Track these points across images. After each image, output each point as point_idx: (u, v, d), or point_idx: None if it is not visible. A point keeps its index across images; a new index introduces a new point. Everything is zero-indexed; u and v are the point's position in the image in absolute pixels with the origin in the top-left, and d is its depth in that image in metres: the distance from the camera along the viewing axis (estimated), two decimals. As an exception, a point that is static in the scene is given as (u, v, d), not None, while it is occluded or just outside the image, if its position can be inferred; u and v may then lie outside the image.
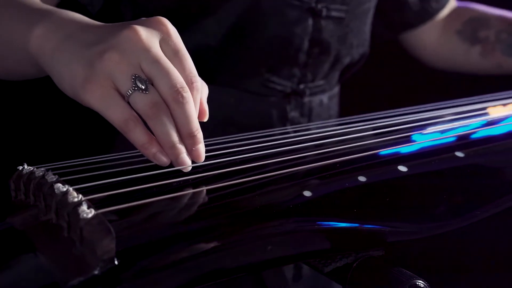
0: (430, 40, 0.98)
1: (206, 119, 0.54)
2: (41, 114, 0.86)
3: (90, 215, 0.42)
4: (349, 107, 0.83)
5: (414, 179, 0.55)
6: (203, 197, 0.49)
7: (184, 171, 0.51)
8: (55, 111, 0.81)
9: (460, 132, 0.62)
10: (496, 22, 0.92)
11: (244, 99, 0.79)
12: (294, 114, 0.82)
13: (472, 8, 0.97)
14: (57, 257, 0.42)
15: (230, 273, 0.46)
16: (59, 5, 0.65)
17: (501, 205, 0.55)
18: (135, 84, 0.49)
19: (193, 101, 0.51)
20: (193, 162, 0.52)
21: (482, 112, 0.68)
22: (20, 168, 0.51)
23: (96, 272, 0.40)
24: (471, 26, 0.94)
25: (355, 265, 0.50)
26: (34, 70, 0.57)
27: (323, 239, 0.49)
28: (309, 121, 0.84)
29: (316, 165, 0.54)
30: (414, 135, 0.62)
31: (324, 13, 0.78)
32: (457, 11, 0.98)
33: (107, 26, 0.53)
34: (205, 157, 0.53)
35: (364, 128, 0.62)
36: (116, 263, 0.41)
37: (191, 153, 0.51)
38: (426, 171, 0.56)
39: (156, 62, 0.50)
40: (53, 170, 0.49)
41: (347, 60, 0.85)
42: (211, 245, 0.44)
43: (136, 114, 0.50)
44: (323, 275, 0.51)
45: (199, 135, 0.51)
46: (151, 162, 0.51)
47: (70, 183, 0.47)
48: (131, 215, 0.45)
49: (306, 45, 0.78)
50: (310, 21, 0.78)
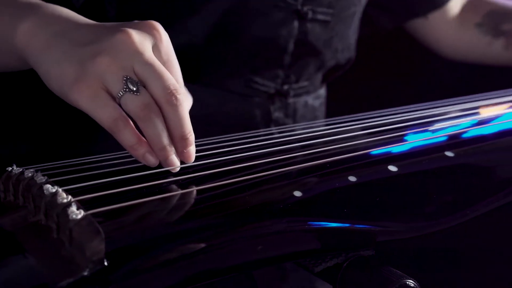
0: (444, 32, 0.97)
1: None
2: (29, 114, 0.85)
3: (79, 216, 0.42)
4: (336, 108, 0.83)
5: (404, 178, 0.55)
6: (192, 198, 0.49)
7: (173, 171, 0.51)
8: (43, 111, 0.81)
9: (451, 132, 0.62)
10: None
11: (228, 99, 0.79)
12: (278, 114, 0.82)
13: (490, 1, 0.96)
14: (46, 258, 0.42)
15: (221, 274, 0.46)
16: None
17: (491, 204, 0.56)
18: (127, 85, 0.49)
19: None
20: (181, 163, 0.52)
21: (473, 112, 0.69)
22: (9, 169, 0.50)
23: (86, 273, 0.40)
24: (492, 19, 0.94)
25: (345, 264, 0.50)
26: (19, 63, 0.56)
27: (314, 239, 0.49)
28: (294, 122, 0.84)
29: (306, 165, 0.54)
30: (403, 135, 0.62)
31: (310, 15, 0.78)
32: (473, 3, 0.97)
33: (99, 26, 0.53)
34: (198, 157, 0.53)
35: (352, 128, 0.63)
36: (106, 264, 0.40)
37: (182, 155, 0.51)
38: (416, 170, 0.56)
39: (149, 64, 0.50)
40: (42, 171, 0.49)
41: (332, 64, 0.85)
42: (201, 245, 0.44)
43: (125, 115, 0.50)
44: (313, 275, 0.51)
45: (191, 137, 0.51)
46: (140, 162, 0.51)
47: (60, 184, 0.47)
48: (121, 216, 0.45)
49: (291, 47, 0.79)
50: (296, 23, 0.78)
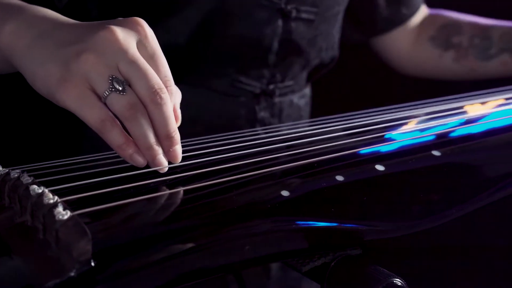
0: (403, 46, 0.98)
1: (178, 124, 0.54)
2: (15, 114, 0.85)
3: (65, 217, 0.42)
4: (321, 107, 0.83)
5: (391, 178, 0.55)
6: (180, 198, 0.49)
7: (161, 171, 0.51)
8: (29, 111, 0.81)
9: (439, 131, 0.63)
10: (469, 28, 0.94)
11: (212, 98, 0.79)
12: (264, 114, 0.82)
13: (445, 15, 0.98)
14: (33, 259, 0.42)
15: (209, 273, 0.46)
16: None
17: (478, 203, 0.56)
18: (112, 85, 0.49)
19: None
20: (169, 163, 0.52)
21: (461, 111, 0.69)
22: (-5, 170, 0.50)
23: (72, 274, 0.40)
24: (444, 32, 0.95)
25: (333, 264, 0.50)
26: (5, 66, 0.56)
27: (301, 238, 0.49)
28: (280, 121, 0.84)
29: (293, 165, 0.54)
30: (391, 134, 0.62)
31: (294, 14, 0.78)
32: (430, 18, 0.99)
33: (83, 25, 0.53)
34: (184, 157, 0.52)
35: (337, 128, 0.63)
36: (93, 264, 0.40)
37: (168, 154, 0.51)
38: (403, 170, 0.56)
39: (133, 63, 0.49)
40: (28, 171, 0.49)
41: (316, 63, 0.85)
42: (188, 246, 0.44)
43: (112, 115, 0.50)
44: (301, 274, 0.51)
45: (177, 136, 0.51)
46: (127, 163, 0.51)
47: (46, 184, 0.46)
48: (108, 216, 0.45)
49: (275, 46, 0.79)
50: (280, 22, 0.78)
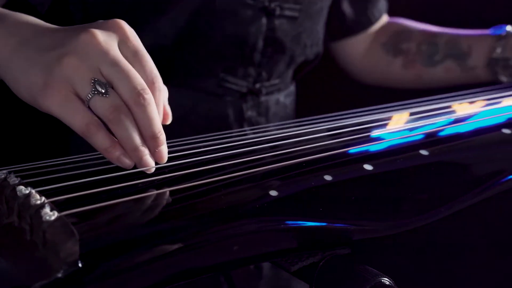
0: (358, 52, 0.99)
1: (169, 121, 0.54)
2: (1, 115, 0.84)
3: (53, 218, 0.42)
4: (307, 106, 0.83)
5: (380, 177, 0.55)
6: (168, 198, 0.49)
7: (148, 172, 0.51)
8: (16, 113, 0.80)
9: (427, 130, 0.63)
10: (418, 35, 0.94)
11: (200, 99, 0.79)
12: (251, 113, 0.82)
13: (399, 22, 0.98)
14: (20, 260, 0.42)
15: (197, 274, 0.46)
16: (6, 5, 0.64)
17: (466, 201, 0.56)
18: (95, 88, 0.49)
19: (156, 101, 0.51)
20: (156, 164, 0.52)
21: (449, 110, 0.69)
22: (-18, 171, 0.50)
23: (60, 275, 0.39)
24: (395, 38, 0.96)
25: (321, 263, 0.50)
26: None
27: (290, 238, 0.49)
28: (267, 120, 0.84)
29: (282, 165, 0.54)
30: (379, 134, 0.62)
31: (278, 12, 0.79)
32: (385, 25, 0.99)
33: (64, 29, 0.53)
34: (170, 158, 0.52)
35: (325, 128, 0.63)
36: (80, 265, 0.40)
37: (154, 155, 0.51)
38: (391, 169, 0.56)
39: (115, 65, 0.49)
40: (15, 172, 0.48)
41: (301, 60, 0.86)
42: (177, 246, 0.44)
43: (97, 118, 0.49)
44: (290, 274, 0.51)
45: (162, 136, 0.51)
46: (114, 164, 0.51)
47: (33, 185, 0.46)
48: (95, 217, 0.45)
49: (260, 44, 0.79)
50: (264, 20, 0.78)
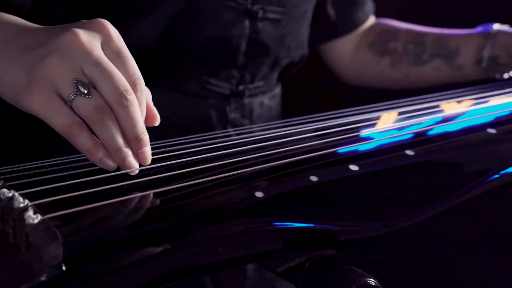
0: (346, 54, 0.99)
1: (157, 123, 0.53)
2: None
3: (36, 221, 0.41)
4: (293, 108, 0.83)
5: (365, 178, 0.55)
6: (153, 200, 0.49)
7: (131, 174, 0.51)
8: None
9: (415, 130, 0.63)
10: (404, 34, 0.95)
11: (183, 101, 0.79)
12: (234, 115, 0.82)
13: (385, 23, 0.99)
14: (3, 264, 0.41)
15: (183, 275, 0.46)
16: None
17: (452, 201, 0.56)
18: (77, 88, 0.48)
19: (139, 103, 0.50)
20: (140, 165, 0.51)
21: (437, 110, 0.69)
22: (-35, 174, 0.49)
23: (43, 279, 0.39)
24: (381, 38, 0.96)
25: (307, 264, 0.50)
26: None
27: (275, 239, 0.49)
28: (251, 122, 0.84)
29: (267, 166, 0.54)
30: (365, 134, 0.62)
31: (261, 14, 0.79)
32: (372, 26, 1.00)
33: (46, 29, 0.52)
34: (154, 159, 0.52)
35: (309, 129, 0.63)
36: (64, 268, 0.40)
37: (138, 156, 0.51)
38: (377, 169, 0.56)
39: (98, 65, 0.49)
40: (-2, 175, 0.48)
41: (286, 62, 0.85)
42: (162, 248, 0.44)
43: (79, 119, 0.49)
44: (275, 275, 0.51)
45: (145, 137, 0.51)
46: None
47: (16, 188, 0.46)
48: (79, 220, 0.45)
49: (243, 46, 0.79)
50: (247, 23, 0.78)
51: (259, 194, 0.50)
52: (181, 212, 0.48)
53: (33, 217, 0.42)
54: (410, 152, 0.58)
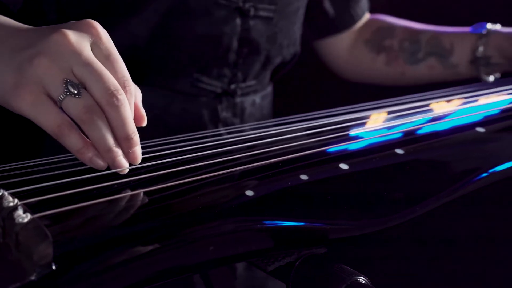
0: (342, 50, 0.99)
1: (144, 123, 0.53)
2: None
3: (26, 220, 0.41)
4: (284, 108, 0.84)
5: (355, 176, 0.55)
6: (143, 199, 0.49)
7: (121, 173, 0.51)
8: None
9: (404, 129, 0.63)
10: (400, 32, 0.95)
11: (174, 99, 0.79)
12: (226, 114, 0.82)
13: (381, 19, 0.99)
14: (-8, 263, 0.41)
15: (173, 274, 0.46)
16: None
17: (440, 200, 0.57)
18: (67, 88, 0.48)
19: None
20: (130, 165, 0.51)
21: (427, 109, 0.70)
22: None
23: (33, 278, 0.39)
24: (378, 35, 0.96)
25: (297, 263, 0.50)
26: None
27: (266, 238, 0.49)
28: (242, 121, 0.84)
29: (258, 165, 0.54)
30: (355, 133, 0.62)
31: (252, 12, 0.79)
32: (368, 22, 1.00)
33: (35, 30, 0.52)
34: (146, 158, 0.52)
35: (300, 128, 0.63)
36: (54, 268, 0.40)
37: (128, 156, 0.51)
38: (367, 168, 0.57)
39: (88, 65, 0.49)
40: (-12, 174, 0.48)
41: (278, 60, 0.85)
42: (152, 247, 0.44)
43: (69, 119, 0.49)
44: (266, 274, 0.51)
45: (136, 137, 0.51)
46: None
47: (6, 187, 0.45)
48: (69, 219, 0.44)
49: (235, 44, 0.79)
50: (238, 21, 0.78)
51: (250, 193, 0.51)
52: (171, 211, 0.48)
53: (22, 216, 0.42)
54: (400, 151, 0.58)
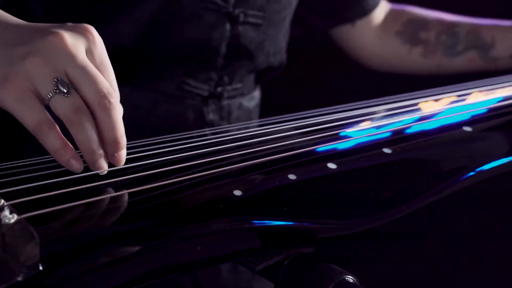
0: (368, 40, 0.99)
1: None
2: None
3: (12, 221, 0.41)
4: (270, 109, 0.83)
5: (343, 176, 0.56)
6: (131, 199, 0.49)
7: (101, 174, 0.50)
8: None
9: (394, 128, 0.63)
10: (435, 24, 0.96)
11: (160, 101, 0.79)
12: (212, 117, 0.82)
13: (409, 10, 0.99)
14: (-21, 264, 0.41)
15: (161, 275, 0.46)
16: None
17: (428, 199, 0.57)
18: (57, 87, 0.48)
19: None
20: (112, 166, 0.51)
21: (415, 108, 0.70)
22: None
23: (20, 279, 0.39)
24: (411, 27, 0.97)
25: (286, 262, 0.50)
26: None
27: (254, 237, 0.49)
28: (229, 124, 0.84)
29: (246, 164, 0.54)
30: (344, 132, 0.62)
31: (242, 18, 0.79)
32: (394, 12, 1.00)
33: (31, 26, 0.52)
34: (133, 159, 0.52)
35: (286, 127, 0.63)
36: (41, 268, 0.40)
37: (113, 158, 0.50)
38: (355, 167, 0.57)
39: (82, 67, 0.49)
40: (-27, 175, 0.48)
41: (264, 66, 0.85)
42: (140, 247, 0.44)
43: (51, 118, 0.49)
44: (255, 273, 0.51)
45: (123, 141, 0.50)
46: None
47: (-8, 188, 0.45)
48: (56, 219, 0.44)
49: (223, 49, 0.79)
50: (228, 26, 0.78)
51: (238, 192, 0.51)
52: (158, 211, 0.48)
53: (9, 217, 0.41)
54: (387, 150, 0.59)
